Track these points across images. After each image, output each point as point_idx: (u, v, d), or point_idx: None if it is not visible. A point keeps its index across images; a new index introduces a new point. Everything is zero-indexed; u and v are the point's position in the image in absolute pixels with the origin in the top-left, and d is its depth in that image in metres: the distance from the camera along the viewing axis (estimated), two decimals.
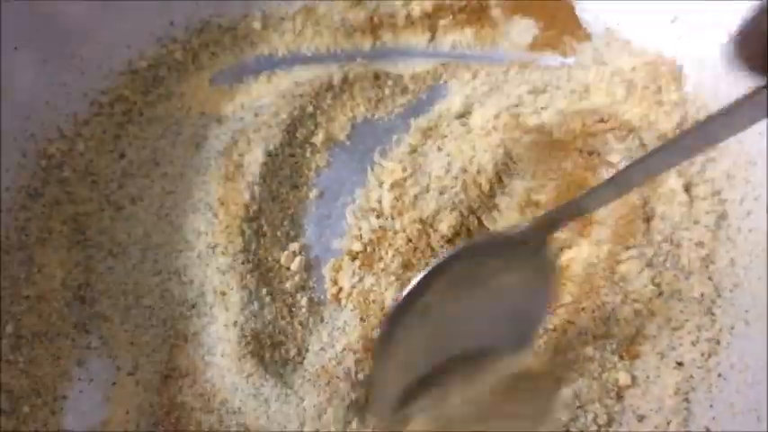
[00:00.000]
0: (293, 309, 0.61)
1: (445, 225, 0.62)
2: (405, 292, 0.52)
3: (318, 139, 0.68)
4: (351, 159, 0.68)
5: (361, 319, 0.60)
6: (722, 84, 0.62)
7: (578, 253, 0.62)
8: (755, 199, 0.58)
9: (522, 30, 0.73)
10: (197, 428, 0.55)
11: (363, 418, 0.56)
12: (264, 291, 0.60)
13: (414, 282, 0.51)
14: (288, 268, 0.62)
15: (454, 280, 0.52)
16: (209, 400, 0.56)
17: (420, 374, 0.54)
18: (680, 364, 0.57)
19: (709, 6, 0.62)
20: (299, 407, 0.56)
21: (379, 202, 0.65)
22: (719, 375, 0.56)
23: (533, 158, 0.63)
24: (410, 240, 0.62)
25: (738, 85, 0.61)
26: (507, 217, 0.63)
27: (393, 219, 0.63)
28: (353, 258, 0.62)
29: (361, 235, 0.63)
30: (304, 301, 0.61)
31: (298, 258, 0.63)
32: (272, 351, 0.58)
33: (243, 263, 0.60)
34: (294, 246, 0.63)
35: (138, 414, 0.57)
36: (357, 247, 0.63)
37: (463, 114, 0.69)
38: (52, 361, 0.58)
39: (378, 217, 0.64)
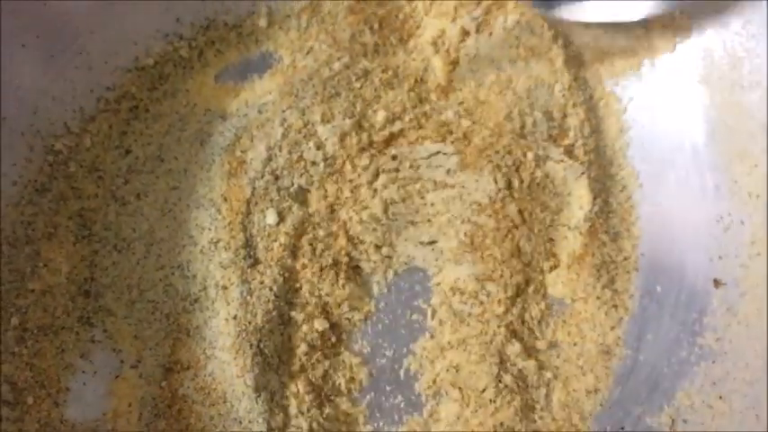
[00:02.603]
0: None
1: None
2: None
3: None
4: None
5: None
6: None
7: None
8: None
9: None
10: (197, 420, 0.56)
11: None
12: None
13: None
14: None
15: None
16: (209, 393, 0.57)
17: None
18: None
19: None
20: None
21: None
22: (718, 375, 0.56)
23: None
24: None
25: None
26: None
27: None
28: None
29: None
30: None
31: None
32: (270, 345, 0.59)
33: (244, 258, 0.61)
34: None
35: (140, 406, 0.58)
36: None
37: None
38: (56, 353, 0.59)
39: None
